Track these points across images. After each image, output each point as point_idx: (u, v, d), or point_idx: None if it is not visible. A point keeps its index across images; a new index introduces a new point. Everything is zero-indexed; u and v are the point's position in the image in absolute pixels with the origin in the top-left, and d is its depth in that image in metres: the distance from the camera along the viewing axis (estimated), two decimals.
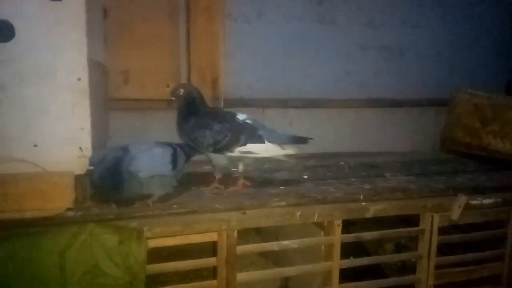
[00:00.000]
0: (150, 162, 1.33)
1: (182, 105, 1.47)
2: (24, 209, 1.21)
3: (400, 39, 2.40)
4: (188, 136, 1.46)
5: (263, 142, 1.46)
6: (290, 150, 1.47)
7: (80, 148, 1.28)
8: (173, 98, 1.48)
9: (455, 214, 1.49)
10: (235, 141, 1.44)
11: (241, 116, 1.50)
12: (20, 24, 1.22)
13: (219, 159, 1.48)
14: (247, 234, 1.47)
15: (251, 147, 1.46)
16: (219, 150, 1.45)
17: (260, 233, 1.76)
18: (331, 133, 2.32)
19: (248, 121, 1.49)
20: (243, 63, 2.16)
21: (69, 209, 1.24)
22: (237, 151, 1.45)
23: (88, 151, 1.29)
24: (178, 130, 1.48)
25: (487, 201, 1.57)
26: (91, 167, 1.26)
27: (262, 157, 1.48)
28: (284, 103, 2.24)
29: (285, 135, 1.50)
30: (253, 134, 1.46)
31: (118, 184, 1.27)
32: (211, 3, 2.03)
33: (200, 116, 1.46)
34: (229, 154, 1.46)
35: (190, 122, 1.45)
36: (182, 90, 1.47)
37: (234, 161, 1.49)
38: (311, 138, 1.49)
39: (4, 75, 1.23)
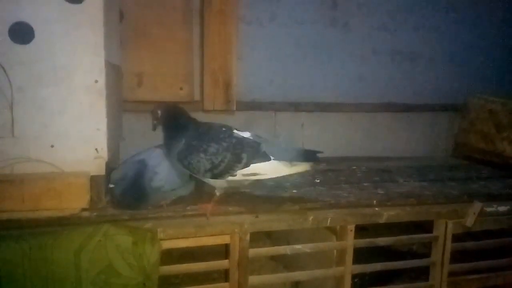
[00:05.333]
0: (171, 176, 1.33)
1: (165, 127, 1.31)
2: (40, 209, 1.22)
3: (413, 43, 2.39)
4: (181, 162, 1.26)
5: (269, 160, 1.25)
6: (300, 167, 1.28)
7: (96, 149, 1.30)
8: (154, 122, 1.32)
9: (470, 221, 1.47)
10: (236, 162, 1.24)
11: (238, 131, 1.30)
12: (39, 27, 1.24)
13: (219, 184, 1.29)
14: (258, 237, 1.46)
15: (255, 167, 1.25)
16: (218, 175, 1.25)
17: (271, 237, 1.76)
18: (343, 137, 2.32)
19: (247, 136, 1.29)
20: (256, 66, 2.17)
21: (84, 209, 1.25)
22: (240, 174, 1.25)
23: (104, 152, 1.30)
24: (168, 155, 1.32)
25: (502, 208, 1.55)
26: (112, 185, 1.28)
27: (267, 178, 1.28)
28: (296, 107, 2.24)
29: (293, 150, 1.31)
30: (257, 151, 1.24)
31: (141, 199, 1.29)
32: (225, 6, 2.04)
33: (190, 136, 1.26)
34: (230, 178, 1.26)
35: (180, 145, 1.25)
36: (159, 112, 1.30)
37: (237, 184, 1.31)
38: (321, 152, 1.28)
39: (23, 76, 1.24)
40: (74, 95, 1.28)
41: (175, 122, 1.30)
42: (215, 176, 1.26)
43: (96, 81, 1.28)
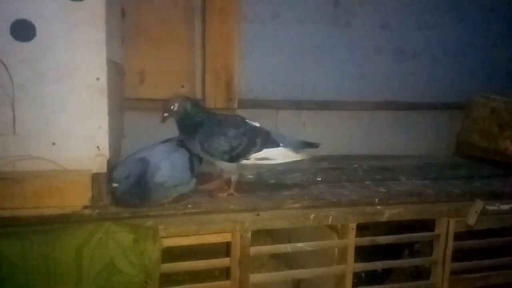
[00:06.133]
0: (173, 172, 1.33)
1: (182, 118, 1.34)
2: (41, 206, 1.22)
3: (415, 41, 2.38)
4: (201, 145, 1.34)
5: (278, 146, 1.39)
6: (303, 154, 1.42)
7: (98, 147, 1.29)
8: (165, 114, 1.33)
9: (472, 219, 1.47)
10: (251, 146, 1.36)
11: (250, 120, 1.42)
12: (41, 24, 1.24)
13: (232, 168, 1.39)
14: (259, 236, 1.46)
15: (267, 152, 1.38)
16: (235, 158, 1.36)
17: (272, 235, 1.76)
18: (344, 135, 2.31)
19: (257, 124, 1.42)
20: (258, 64, 2.16)
21: (86, 207, 1.25)
22: (253, 157, 1.37)
23: (105, 150, 1.30)
24: (187, 142, 1.38)
25: (504, 206, 1.54)
26: (116, 184, 1.28)
27: (276, 163, 1.41)
28: (297, 105, 2.23)
29: (296, 139, 1.44)
30: (268, 138, 1.38)
31: (145, 197, 1.29)
32: (227, 5, 2.03)
33: (208, 124, 1.35)
34: (244, 161, 1.37)
35: (199, 132, 1.34)
36: (176, 105, 1.33)
37: (246, 169, 1.42)
38: (319, 144, 1.44)
39: (25, 74, 1.24)
40: (76, 93, 1.27)
41: (192, 115, 1.34)
42: (231, 159, 1.35)
43: (98, 79, 1.28)
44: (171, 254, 1.27)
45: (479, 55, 2.48)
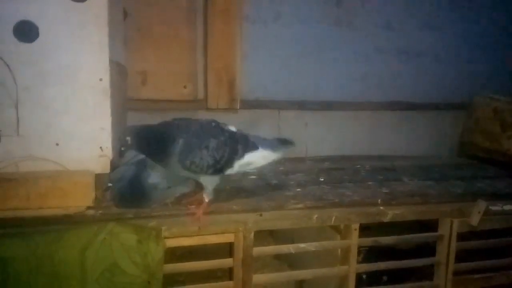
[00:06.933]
0: (167, 173, 1.31)
1: (144, 145, 1.20)
2: (45, 207, 1.23)
3: (418, 41, 2.37)
4: (182, 163, 1.19)
5: (257, 149, 1.29)
6: (280, 153, 1.34)
7: (101, 147, 1.30)
8: (123, 148, 1.19)
9: (475, 219, 1.46)
10: (234, 155, 1.25)
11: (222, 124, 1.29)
12: (44, 25, 1.24)
13: (214, 181, 1.27)
14: (261, 236, 1.46)
15: (249, 157, 1.28)
16: (219, 170, 1.24)
17: (274, 235, 1.76)
18: (347, 135, 2.31)
19: (232, 129, 1.30)
20: (260, 64, 2.16)
21: (89, 207, 1.26)
22: (237, 165, 1.26)
23: (108, 151, 1.30)
24: (164, 164, 1.23)
25: (507, 207, 1.54)
26: (110, 184, 1.29)
27: (259, 166, 1.32)
28: (300, 105, 2.23)
29: (271, 139, 1.35)
30: (247, 143, 1.28)
31: (139, 196, 1.30)
32: (229, 5, 2.04)
33: (183, 138, 1.19)
34: (229, 171, 1.27)
35: (175, 149, 1.18)
36: (128, 138, 1.18)
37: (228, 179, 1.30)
38: (292, 141, 1.37)
39: (28, 75, 1.25)
40: (79, 94, 1.28)
41: (156, 134, 1.21)
42: (216, 171, 1.25)
43: (101, 80, 1.28)
44: (174, 255, 1.28)
45: (481, 56, 2.47)
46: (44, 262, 1.13)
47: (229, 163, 1.25)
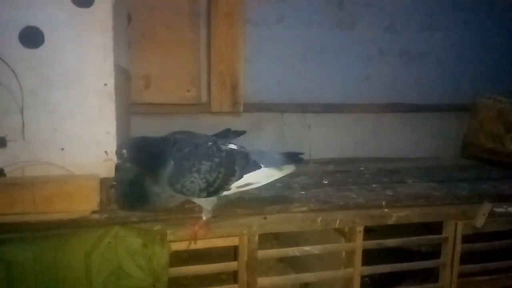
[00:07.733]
0: None
1: (140, 159, 1.17)
2: (50, 211, 1.23)
3: (420, 43, 2.37)
4: (171, 186, 1.15)
5: (260, 168, 1.23)
6: (288, 170, 1.28)
7: (106, 151, 1.31)
8: (119, 161, 1.18)
9: (480, 221, 1.46)
10: (230, 176, 1.19)
11: (221, 141, 1.23)
12: (49, 31, 1.26)
13: (211, 203, 1.22)
14: (266, 239, 1.46)
15: (249, 177, 1.21)
16: (213, 192, 1.19)
17: (279, 238, 1.76)
18: (350, 138, 2.31)
19: (233, 146, 1.24)
20: (263, 67, 2.17)
21: (94, 211, 1.26)
22: (234, 187, 1.21)
23: (113, 155, 1.30)
24: (155, 182, 1.19)
25: None
26: (115, 183, 1.29)
27: (260, 186, 1.25)
28: (303, 108, 2.24)
29: (277, 154, 1.29)
30: (248, 162, 1.21)
31: (139, 198, 1.29)
32: (232, 8, 2.05)
33: (177, 157, 1.14)
34: (225, 193, 1.21)
35: (169, 169, 1.14)
36: (124, 151, 1.15)
37: (229, 198, 1.26)
38: (302, 153, 1.32)
39: (33, 80, 1.26)
40: (84, 99, 1.29)
41: (151, 151, 1.17)
42: (210, 194, 1.19)
43: (106, 84, 1.29)
44: (179, 259, 1.28)
45: (485, 57, 2.47)
46: (49, 266, 1.13)
47: (225, 184, 1.19)
